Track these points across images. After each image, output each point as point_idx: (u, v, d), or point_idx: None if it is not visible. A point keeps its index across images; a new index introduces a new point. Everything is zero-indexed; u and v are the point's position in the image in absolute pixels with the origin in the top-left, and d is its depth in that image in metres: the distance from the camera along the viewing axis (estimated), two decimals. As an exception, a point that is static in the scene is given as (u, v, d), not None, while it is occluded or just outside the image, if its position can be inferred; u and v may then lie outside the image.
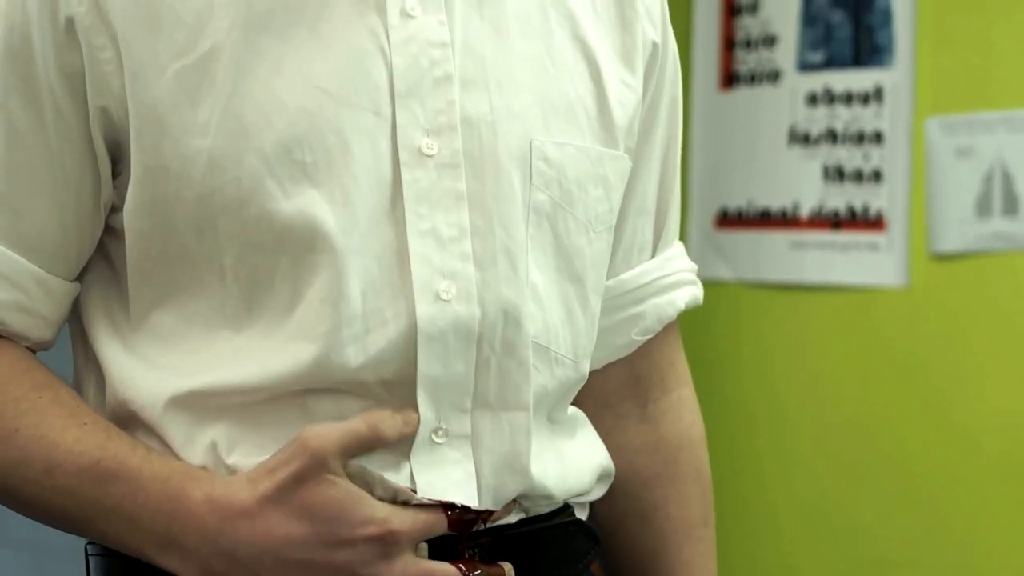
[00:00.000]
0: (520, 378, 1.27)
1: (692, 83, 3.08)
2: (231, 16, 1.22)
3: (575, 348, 1.33)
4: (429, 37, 1.25)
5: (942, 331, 2.81)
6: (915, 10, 2.84)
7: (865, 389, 2.89)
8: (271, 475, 1.20)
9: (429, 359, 1.23)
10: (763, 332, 3.03)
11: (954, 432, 2.78)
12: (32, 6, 1.22)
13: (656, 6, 1.40)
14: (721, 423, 3.02)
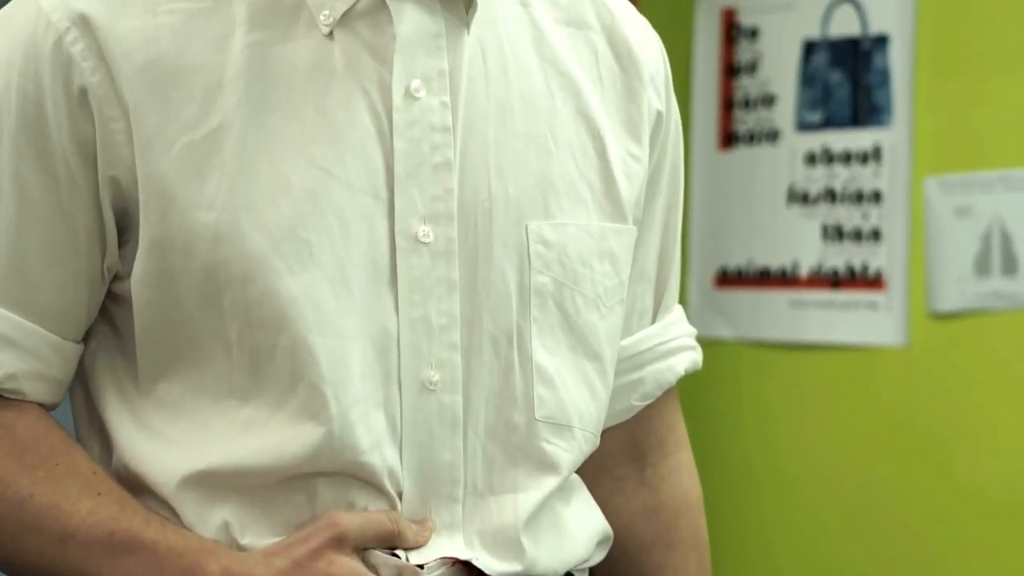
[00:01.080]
0: (506, 463, 1.29)
1: (691, 143, 3.09)
2: (239, 93, 1.24)
3: (597, 422, 1.35)
4: (432, 121, 1.26)
5: (942, 390, 2.81)
6: (913, 70, 2.86)
7: (866, 448, 2.89)
8: (287, 551, 1.22)
9: (414, 448, 1.25)
10: (764, 391, 3.03)
11: (956, 491, 2.78)
12: (46, 76, 1.24)
13: (660, 74, 1.41)
14: (722, 481, 3.01)
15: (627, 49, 1.38)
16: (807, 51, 2.99)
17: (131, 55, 1.23)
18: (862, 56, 2.92)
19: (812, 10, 2.98)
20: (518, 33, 1.33)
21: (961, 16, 2.81)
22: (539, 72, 1.33)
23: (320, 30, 1.25)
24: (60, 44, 1.23)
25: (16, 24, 1.26)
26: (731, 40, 3.09)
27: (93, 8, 1.24)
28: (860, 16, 2.92)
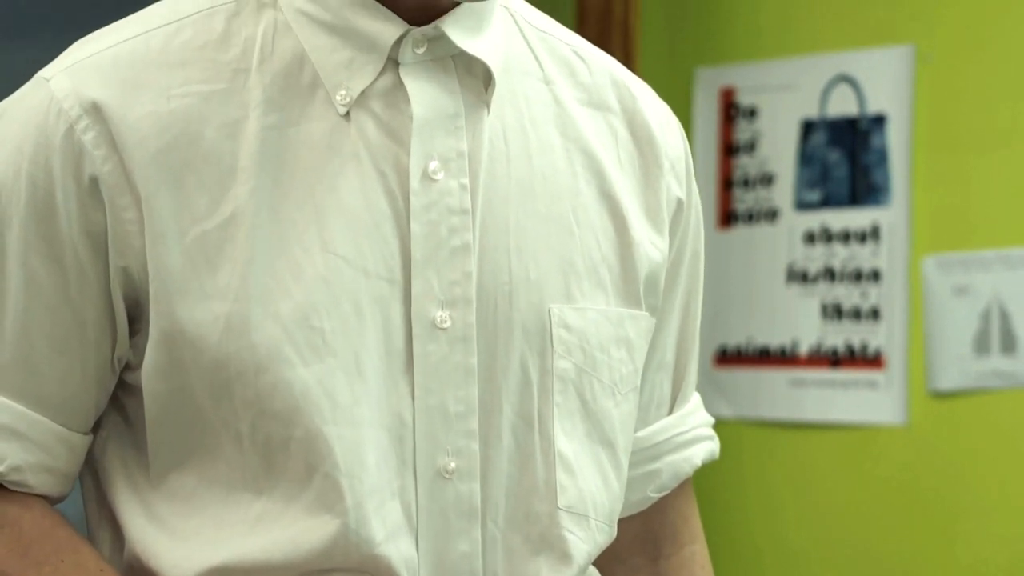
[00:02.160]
0: (527, 553, 1.26)
1: (690, 221, 3.10)
2: (253, 180, 1.22)
3: (611, 512, 1.32)
4: (450, 203, 1.24)
5: (942, 468, 2.81)
6: (911, 150, 2.87)
7: (869, 526, 2.88)
8: None
9: (431, 538, 1.23)
10: (765, 470, 3.03)
11: (958, 568, 2.77)
12: (56, 165, 1.22)
13: (681, 161, 1.38)
14: (725, 560, 3.00)
15: (647, 134, 1.36)
16: (805, 130, 3.01)
17: (144, 142, 1.21)
18: (860, 136, 2.94)
19: (810, 90, 2.99)
20: (540, 111, 1.31)
21: (958, 96, 2.82)
22: (562, 151, 1.31)
23: (336, 110, 1.23)
24: (71, 133, 1.21)
25: (28, 111, 1.24)
26: (730, 119, 3.10)
27: (106, 95, 1.22)
28: (858, 96, 2.94)
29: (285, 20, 1.25)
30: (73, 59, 1.24)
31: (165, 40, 1.24)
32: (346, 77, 1.24)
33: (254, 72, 1.24)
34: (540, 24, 1.36)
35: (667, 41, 3.15)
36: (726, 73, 3.10)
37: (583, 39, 1.39)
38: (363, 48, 1.24)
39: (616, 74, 1.37)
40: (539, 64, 1.33)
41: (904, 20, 2.88)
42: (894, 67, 2.89)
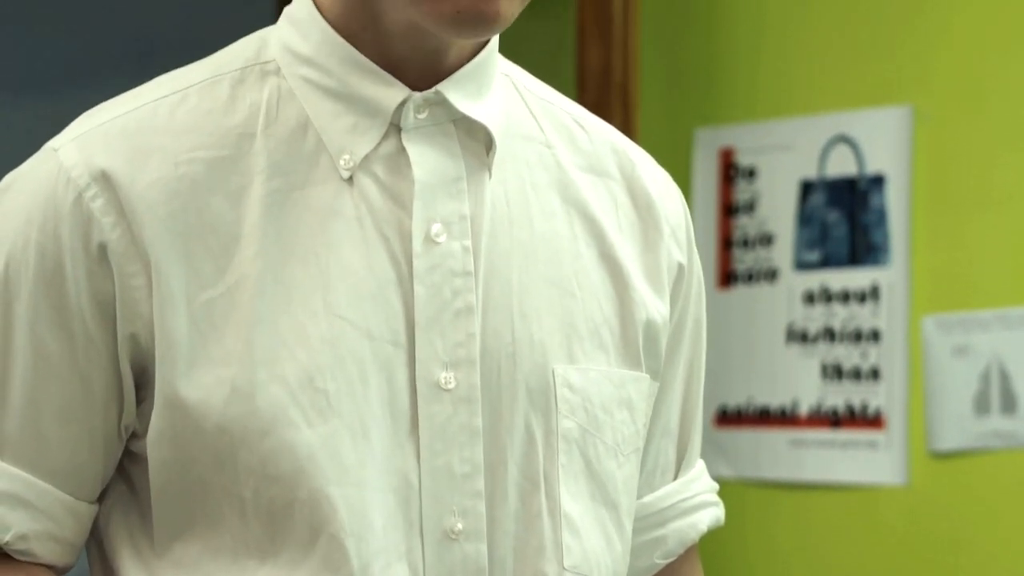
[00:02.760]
0: None
1: (690, 281, 3.10)
2: (256, 245, 1.23)
3: (615, 574, 1.32)
4: (453, 266, 1.25)
5: (943, 529, 2.80)
6: (909, 210, 2.88)
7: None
8: None
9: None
10: (766, 530, 3.02)
11: (958, 632, 2.76)
12: (65, 233, 1.22)
13: (682, 227, 1.39)
14: (722, 622, 2.99)
15: (647, 200, 1.37)
16: (804, 191, 3.01)
17: (153, 208, 1.22)
18: (859, 196, 2.95)
19: (809, 150, 3.00)
20: (542, 175, 1.32)
21: (957, 155, 2.83)
22: (563, 214, 1.32)
23: (340, 174, 1.25)
24: (80, 201, 1.22)
25: (37, 181, 1.25)
26: (729, 180, 3.11)
27: (115, 164, 1.23)
28: (857, 156, 2.95)
29: (289, 87, 1.27)
30: (81, 129, 1.26)
31: (171, 108, 1.26)
32: (349, 142, 1.25)
33: (259, 137, 1.25)
34: (540, 92, 1.38)
35: (666, 102, 3.16)
36: (725, 134, 3.11)
37: (583, 108, 1.40)
38: (366, 113, 1.26)
39: (616, 142, 1.39)
40: (540, 129, 1.34)
41: (901, 80, 2.89)
42: (892, 127, 2.90)
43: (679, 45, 3.16)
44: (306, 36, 1.28)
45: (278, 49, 1.29)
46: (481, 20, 1.21)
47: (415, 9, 1.22)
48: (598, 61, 3.02)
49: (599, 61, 3.02)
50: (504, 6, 1.22)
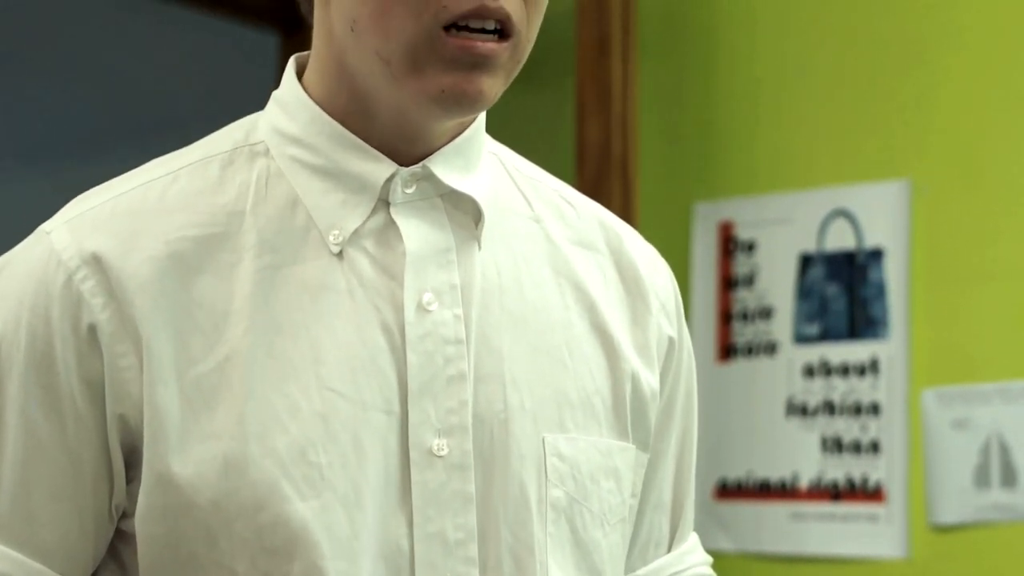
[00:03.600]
0: None
1: (690, 355, 3.11)
2: (246, 321, 1.24)
3: None
4: (445, 333, 1.26)
5: (944, 603, 2.80)
6: (908, 283, 2.89)
7: (868, 662, 2.87)
8: None
9: None
10: (765, 604, 3.01)
11: None
12: (55, 315, 1.24)
13: (671, 301, 1.41)
14: None
15: (634, 275, 1.39)
16: (804, 264, 3.03)
17: (144, 288, 1.24)
18: (858, 269, 2.96)
19: (808, 224, 3.02)
20: (531, 247, 1.34)
21: (955, 229, 2.84)
22: (553, 285, 1.33)
23: (330, 250, 1.26)
24: (70, 283, 1.24)
25: (29, 263, 1.26)
26: (728, 253, 3.12)
27: (105, 246, 1.25)
28: (855, 230, 2.96)
29: (278, 167, 1.29)
30: (73, 213, 1.28)
31: (162, 190, 1.28)
32: (339, 218, 1.27)
33: (248, 215, 1.27)
34: (528, 171, 1.40)
35: (665, 176, 3.18)
36: (724, 208, 3.12)
37: (570, 187, 1.42)
38: (354, 189, 1.27)
39: (603, 218, 1.41)
40: (529, 204, 1.36)
41: (899, 155, 2.91)
42: (890, 201, 2.91)
43: (678, 120, 3.18)
44: (294, 117, 1.30)
45: (267, 131, 1.31)
46: (464, 98, 1.24)
47: (400, 91, 1.24)
48: (598, 136, 3.04)
49: (599, 136, 3.04)
50: (487, 85, 1.24)
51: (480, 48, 1.23)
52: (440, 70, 1.23)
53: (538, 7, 1.28)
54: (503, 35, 1.25)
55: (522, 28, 1.26)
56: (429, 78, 1.23)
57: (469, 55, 1.23)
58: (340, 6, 1.26)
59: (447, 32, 1.23)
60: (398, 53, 1.23)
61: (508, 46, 1.25)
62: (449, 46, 1.23)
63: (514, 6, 1.25)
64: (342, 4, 1.26)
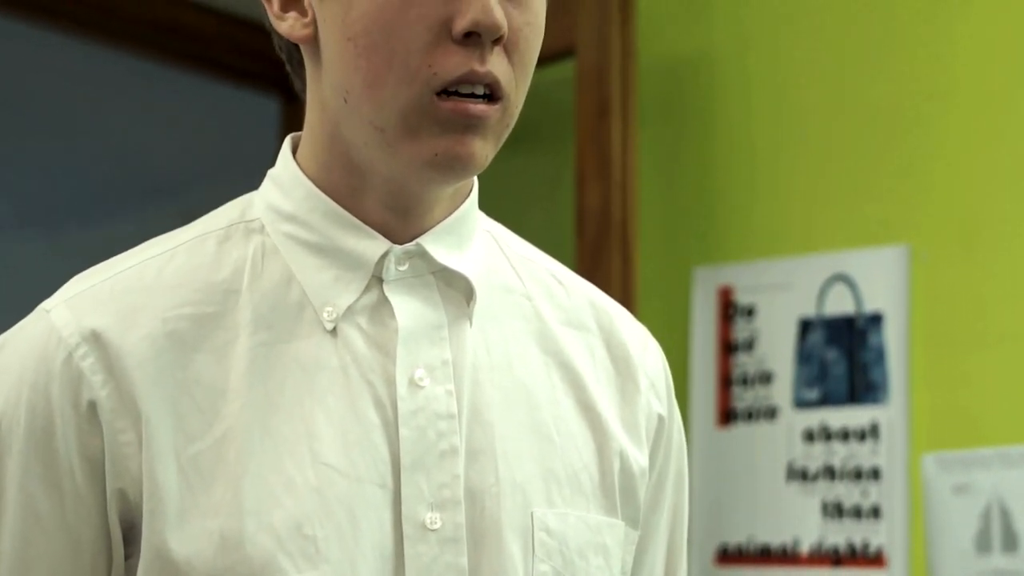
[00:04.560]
0: None
1: (690, 420, 3.11)
2: (242, 398, 1.25)
3: None
4: (437, 409, 1.28)
5: (946, 670, 2.78)
6: (908, 348, 2.89)
7: None
8: None
9: None
10: (766, 671, 3.00)
11: None
12: (55, 391, 1.25)
13: (661, 379, 1.43)
14: None
15: (624, 353, 1.41)
16: (803, 329, 3.03)
17: (142, 365, 1.25)
18: (857, 334, 2.96)
19: (807, 289, 3.02)
20: (522, 325, 1.36)
21: (954, 294, 2.85)
22: (541, 364, 1.36)
23: (324, 326, 1.28)
24: (70, 360, 1.25)
25: (29, 340, 1.28)
26: (728, 318, 3.13)
27: (105, 323, 1.26)
28: (854, 295, 2.97)
29: (273, 244, 1.31)
30: (73, 291, 1.30)
31: (159, 267, 1.30)
32: (333, 295, 1.29)
33: (244, 292, 1.29)
34: (521, 250, 1.42)
35: (665, 241, 3.18)
36: (724, 273, 3.13)
37: (563, 266, 1.44)
38: (348, 267, 1.29)
39: (594, 298, 1.43)
40: (521, 282, 1.38)
41: (898, 220, 2.92)
42: (889, 267, 2.92)
43: (677, 185, 3.19)
44: (288, 194, 1.32)
45: (262, 209, 1.33)
46: (457, 161, 1.26)
47: (394, 158, 1.26)
48: (597, 201, 3.05)
49: (598, 201, 3.05)
50: (478, 147, 1.26)
51: (472, 110, 1.25)
52: (434, 134, 1.25)
53: (525, 71, 1.30)
54: (492, 99, 1.27)
55: (510, 92, 1.28)
56: (423, 142, 1.25)
57: (462, 117, 1.25)
58: (332, 79, 1.28)
59: (439, 97, 1.25)
60: (392, 120, 1.26)
61: (498, 108, 1.27)
62: (442, 109, 1.25)
63: (502, 70, 1.27)
64: (334, 77, 1.28)
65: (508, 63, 1.27)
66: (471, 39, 1.25)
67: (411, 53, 1.24)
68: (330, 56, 1.28)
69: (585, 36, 3.06)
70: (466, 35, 1.25)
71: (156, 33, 3.38)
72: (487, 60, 1.25)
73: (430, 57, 1.24)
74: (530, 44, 1.29)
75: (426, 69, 1.24)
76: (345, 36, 1.26)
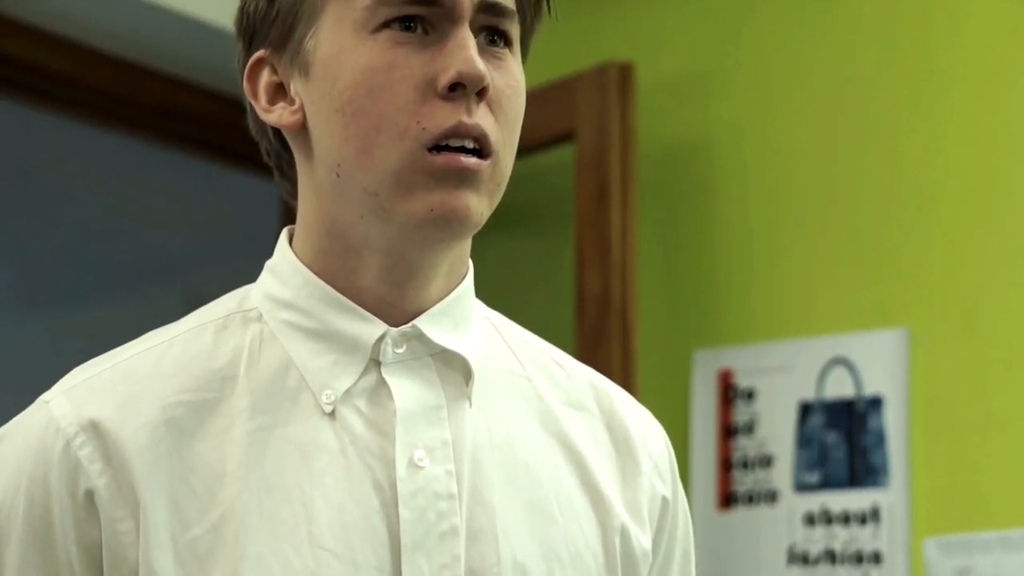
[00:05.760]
0: None
1: (691, 503, 3.09)
2: (240, 482, 1.26)
3: None
4: (437, 489, 1.28)
5: None
6: (908, 431, 2.89)
7: None
8: None
9: None
10: None
11: None
12: (53, 481, 1.26)
13: (665, 461, 1.43)
14: None
15: (625, 435, 1.40)
16: (803, 413, 3.03)
17: (141, 452, 1.26)
18: (857, 418, 2.96)
19: (807, 372, 3.02)
20: (522, 405, 1.36)
21: (953, 378, 2.85)
22: (543, 443, 1.35)
23: (322, 410, 1.29)
24: (68, 449, 1.26)
25: (28, 431, 1.29)
26: (728, 401, 3.13)
27: (103, 412, 1.27)
28: (854, 378, 2.97)
29: (271, 331, 1.32)
30: (72, 382, 1.31)
31: (158, 357, 1.31)
32: (331, 378, 1.29)
33: (242, 379, 1.29)
34: (520, 335, 1.43)
35: (665, 325, 3.19)
36: (724, 356, 3.13)
37: (562, 351, 1.45)
38: (345, 350, 1.30)
39: (594, 380, 1.43)
40: (520, 364, 1.39)
41: (897, 303, 2.92)
42: (889, 350, 2.92)
43: (676, 269, 3.20)
44: (286, 282, 1.33)
45: (260, 298, 1.34)
46: (453, 215, 1.27)
47: (390, 223, 1.27)
48: (597, 284, 3.05)
49: (598, 284, 3.05)
50: (472, 201, 1.27)
51: (465, 162, 1.27)
52: (428, 188, 1.27)
53: (511, 131, 1.32)
54: (483, 155, 1.28)
55: (499, 148, 1.30)
56: (418, 199, 1.27)
57: (455, 170, 1.27)
58: (324, 157, 1.30)
59: (430, 152, 1.27)
60: (386, 181, 1.27)
61: (489, 164, 1.29)
62: (435, 162, 1.27)
63: (489, 124, 1.29)
64: (325, 153, 1.30)
65: (494, 120, 1.29)
66: (456, 92, 1.27)
67: (399, 112, 1.27)
68: (320, 134, 1.30)
69: (585, 120, 3.08)
70: (451, 89, 1.27)
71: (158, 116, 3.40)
72: (474, 112, 1.27)
73: (418, 114, 1.27)
74: (512, 105, 1.31)
75: (415, 126, 1.26)
76: (333, 108, 1.28)
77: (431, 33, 1.28)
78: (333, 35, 1.29)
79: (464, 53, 1.26)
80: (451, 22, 1.28)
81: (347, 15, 1.28)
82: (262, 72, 1.34)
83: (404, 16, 1.28)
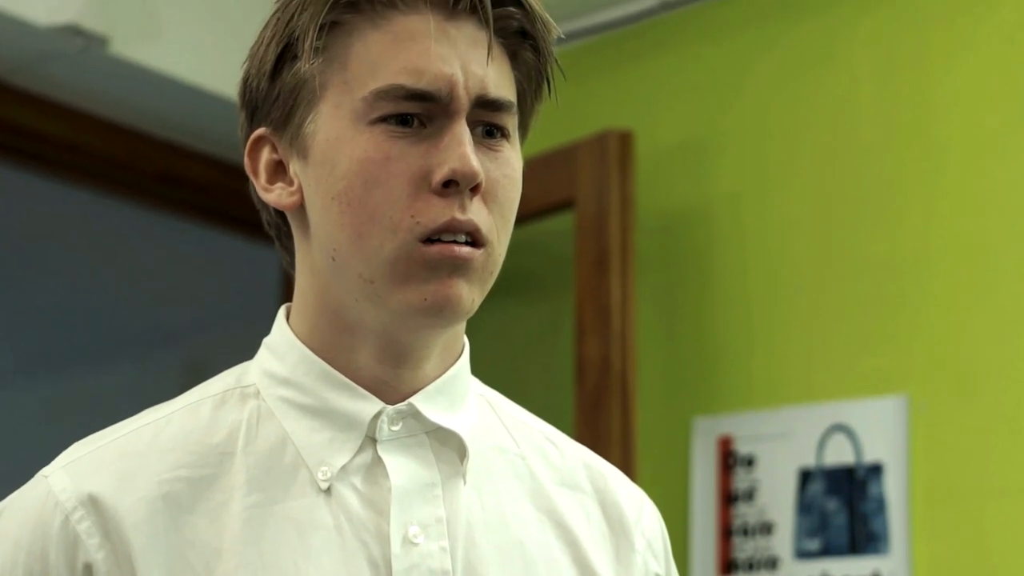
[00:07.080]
0: None
1: (691, 571, 3.09)
2: (237, 558, 1.26)
3: None
4: (431, 565, 1.28)
5: None
6: (908, 498, 2.88)
7: None
8: None
9: None
10: None
11: None
12: (51, 555, 1.27)
13: (659, 540, 1.43)
14: None
15: (618, 513, 1.41)
16: (803, 479, 3.03)
17: (138, 527, 1.27)
18: (857, 485, 2.96)
19: (807, 439, 3.02)
20: (516, 484, 1.37)
21: (954, 445, 2.85)
22: (536, 521, 1.36)
23: (318, 486, 1.30)
24: (67, 523, 1.27)
25: (27, 505, 1.30)
26: (728, 468, 3.13)
27: (101, 487, 1.28)
28: (854, 445, 2.97)
29: (268, 408, 1.33)
30: (71, 457, 1.33)
31: (156, 432, 1.32)
32: (327, 455, 1.30)
33: (239, 455, 1.30)
34: (515, 413, 1.44)
35: (664, 392, 3.19)
36: (723, 423, 3.13)
37: (557, 430, 1.46)
38: (342, 427, 1.31)
39: (588, 460, 1.44)
40: (515, 442, 1.40)
41: (897, 371, 2.92)
42: (888, 417, 2.92)
43: (676, 335, 3.21)
44: (283, 359, 1.34)
45: (257, 374, 1.36)
46: (446, 304, 1.28)
47: (384, 309, 1.29)
48: (597, 352, 3.06)
49: (598, 352, 3.06)
50: (465, 291, 1.29)
51: (458, 252, 1.28)
52: (422, 279, 1.28)
53: (505, 221, 1.33)
54: (476, 245, 1.30)
55: (492, 239, 1.31)
56: (412, 289, 1.28)
57: (448, 259, 1.28)
58: (320, 239, 1.32)
59: (423, 244, 1.28)
60: (380, 270, 1.28)
61: (482, 253, 1.30)
62: (429, 253, 1.28)
63: (482, 218, 1.30)
64: (322, 237, 1.31)
65: (487, 213, 1.30)
66: (450, 188, 1.28)
67: (393, 205, 1.28)
68: (317, 218, 1.32)
69: (584, 189, 3.09)
70: (445, 185, 1.28)
71: (159, 183, 3.42)
72: (467, 208, 1.28)
73: (412, 208, 1.28)
74: (508, 195, 1.32)
75: (409, 219, 1.28)
76: (330, 196, 1.30)
77: (428, 126, 1.29)
78: (331, 122, 1.30)
79: (460, 150, 1.28)
80: (448, 117, 1.29)
81: (345, 103, 1.30)
82: (263, 150, 1.35)
83: (401, 112, 1.29)
